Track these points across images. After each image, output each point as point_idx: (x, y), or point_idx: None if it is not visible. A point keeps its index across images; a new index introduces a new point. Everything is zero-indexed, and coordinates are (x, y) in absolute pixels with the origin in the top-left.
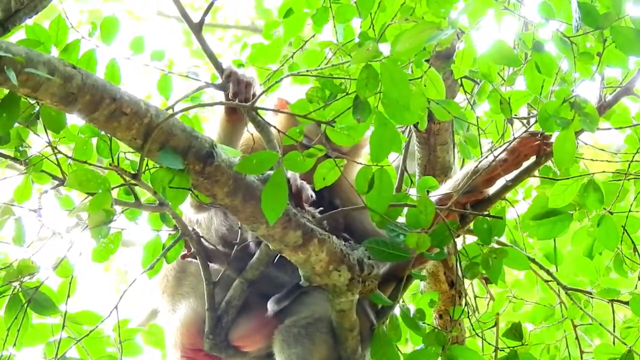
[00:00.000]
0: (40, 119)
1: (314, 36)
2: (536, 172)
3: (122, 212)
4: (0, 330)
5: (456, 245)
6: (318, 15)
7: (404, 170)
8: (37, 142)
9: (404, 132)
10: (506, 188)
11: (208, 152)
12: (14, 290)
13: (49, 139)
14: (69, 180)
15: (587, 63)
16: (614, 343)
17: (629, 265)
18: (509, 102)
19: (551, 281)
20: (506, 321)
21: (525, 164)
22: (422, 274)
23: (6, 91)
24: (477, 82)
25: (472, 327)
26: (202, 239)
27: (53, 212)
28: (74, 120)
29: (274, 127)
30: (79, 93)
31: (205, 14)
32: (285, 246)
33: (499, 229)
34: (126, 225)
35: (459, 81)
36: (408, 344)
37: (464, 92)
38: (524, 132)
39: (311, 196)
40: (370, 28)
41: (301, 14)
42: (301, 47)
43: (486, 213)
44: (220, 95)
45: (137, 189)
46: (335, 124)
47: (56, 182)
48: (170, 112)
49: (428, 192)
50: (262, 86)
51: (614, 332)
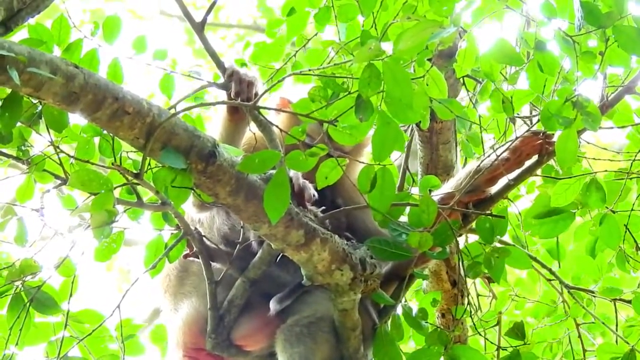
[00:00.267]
0: (43, 118)
1: (316, 35)
2: (538, 171)
3: (125, 211)
4: (2, 329)
5: (458, 245)
6: (320, 14)
7: (407, 169)
8: (39, 142)
9: (406, 131)
10: (508, 187)
11: (210, 152)
12: (16, 290)
13: (51, 139)
14: (71, 180)
15: (589, 62)
16: (616, 342)
17: (631, 265)
18: (511, 101)
19: (554, 280)
20: (509, 320)
21: (528, 163)
22: (424, 273)
23: (9, 90)
24: (479, 81)
25: (474, 326)
26: (204, 238)
27: (55, 212)
28: (77, 119)
29: (276, 126)
30: (81, 92)
31: (208, 13)
32: (287, 245)
33: (501, 228)
34: (128, 225)
35: (461, 80)
36: (410, 343)
37: (466, 90)
38: (526, 131)
39: (313, 195)
40: (372, 27)
41: (303, 12)
42: (304, 46)
43: (488, 212)
44: (222, 95)
45: (140, 188)
46: (337, 123)
47: (58, 182)
48: (173, 111)
49: (430, 191)
50: (264, 85)
51: (617, 330)
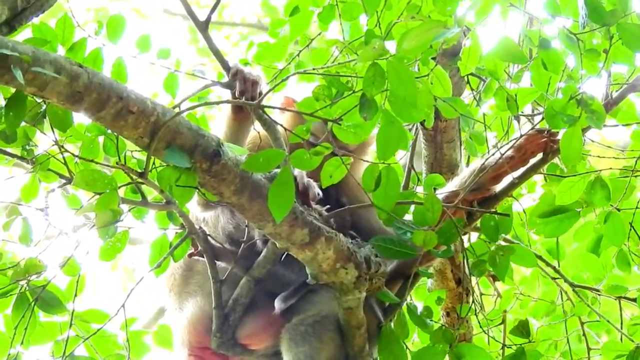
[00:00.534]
0: (47, 117)
1: (320, 34)
2: (543, 169)
3: (129, 210)
4: (8, 328)
5: (463, 243)
6: (324, 14)
7: (411, 168)
8: (43, 141)
9: (410, 129)
10: (513, 185)
11: (215, 151)
12: (21, 289)
13: (55, 138)
14: (75, 179)
15: (593, 60)
16: (621, 340)
17: (635, 262)
18: (516, 99)
19: (558, 278)
20: (513, 318)
21: (532, 161)
22: (429, 271)
23: (13, 90)
24: (483, 79)
25: (479, 325)
26: (209, 237)
27: (60, 211)
28: (81, 119)
29: (281, 125)
30: (85, 92)
31: (212, 12)
32: (292, 244)
33: (505, 227)
34: (133, 224)
35: (466, 78)
36: (415, 341)
37: (471, 89)
38: (530, 130)
39: (318, 194)
40: (376, 26)
41: (307, 12)
42: (307, 45)
43: (493, 210)
44: (226, 94)
45: (144, 187)
46: (342, 122)
47: (63, 181)
48: (177, 110)
49: (435, 189)
50: (268, 84)
51: (622, 329)
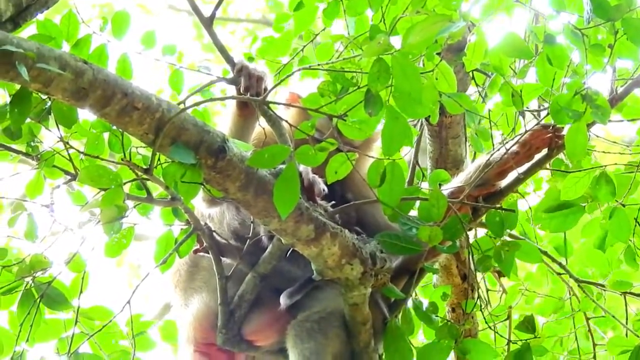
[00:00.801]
0: (52, 114)
1: (324, 29)
2: (548, 165)
3: (135, 206)
4: (13, 325)
5: (468, 239)
6: (329, 9)
7: (416, 163)
8: (48, 138)
9: (415, 125)
10: (518, 181)
11: (220, 147)
12: (26, 286)
13: (60, 134)
14: (81, 175)
15: (598, 55)
16: (626, 335)
17: None
18: (521, 94)
19: (564, 274)
20: (519, 314)
21: (537, 156)
22: (434, 267)
23: (18, 86)
24: (488, 74)
25: (484, 320)
26: (214, 233)
27: (65, 207)
28: (86, 115)
29: (286, 121)
30: (90, 88)
31: (217, 7)
32: (297, 240)
33: (511, 222)
34: (138, 220)
35: (471, 74)
36: (420, 337)
37: (476, 85)
38: (535, 125)
39: (323, 190)
40: (381, 21)
41: (312, 7)
42: (311, 41)
43: (498, 206)
44: (231, 90)
45: (149, 183)
46: (347, 118)
47: (68, 177)
48: (182, 106)
49: (440, 185)
50: (273, 80)
51: (627, 324)
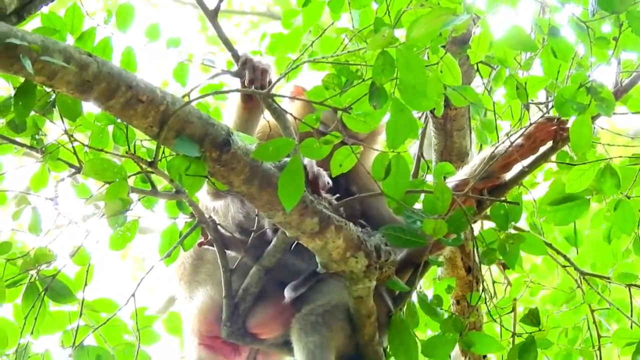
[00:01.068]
0: (56, 107)
1: (332, 24)
2: (553, 157)
3: (139, 199)
4: (18, 318)
5: (473, 231)
6: (334, 2)
7: (421, 156)
8: (53, 131)
9: (420, 118)
10: (523, 173)
11: (224, 140)
12: (31, 279)
13: (65, 127)
14: (85, 168)
15: (603, 47)
16: (631, 327)
17: None
18: (526, 87)
19: (568, 266)
20: (524, 307)
21: (542, 149)
22: (439, 260)
23: (22, 79)
24: (493, 67)
25: (489, 313)
26: (218, 226)
27: (69, 200)
28: (90, 108)
29: (290, 114)
30: (94, 81)
31: (221, 0)
32: (302, 233)
33: (515, 215)
34: (143, 213)
35: (475, 66)
36: (425, 330)
37: (481, 77)
38: (540, 118)
39: (328, 183)
40: (386, 14)
41: (319, 1)
42: (320, 35)
43: (503, 199)
44: (236, 82)
45: (154, 176)
46: (351, 111)
47: (73, 171)
48: (186, 99)
49: (445, 178)
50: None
51: (632, 316)
